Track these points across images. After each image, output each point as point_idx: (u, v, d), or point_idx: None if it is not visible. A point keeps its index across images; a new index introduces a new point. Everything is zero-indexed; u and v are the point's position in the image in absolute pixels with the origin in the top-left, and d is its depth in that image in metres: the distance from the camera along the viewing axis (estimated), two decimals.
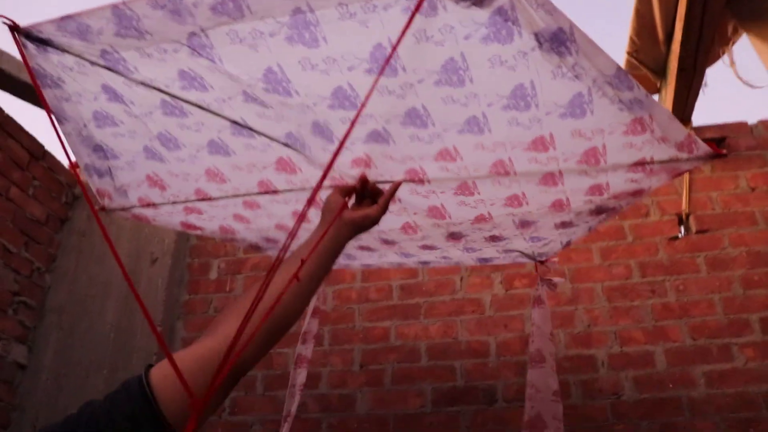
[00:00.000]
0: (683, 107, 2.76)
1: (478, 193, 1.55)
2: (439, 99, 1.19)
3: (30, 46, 1.16)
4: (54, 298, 3.01)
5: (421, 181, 1.51)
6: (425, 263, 2.14)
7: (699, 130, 2.93)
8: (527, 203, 1.58)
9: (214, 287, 3.06)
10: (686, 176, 2.83)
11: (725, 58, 2.49)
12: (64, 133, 1.42)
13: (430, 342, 2.77)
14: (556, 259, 2.03)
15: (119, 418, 0.77)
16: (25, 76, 2.86)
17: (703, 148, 1.26)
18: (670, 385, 2.49)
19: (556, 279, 1.99)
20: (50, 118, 1.21)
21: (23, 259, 2.87)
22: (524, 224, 1.71)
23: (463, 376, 2.67)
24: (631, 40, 2.69)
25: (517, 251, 1.95)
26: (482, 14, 0.99)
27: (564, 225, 1.72)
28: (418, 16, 0.97)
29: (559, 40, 1.03)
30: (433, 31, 1.03)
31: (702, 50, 2.47)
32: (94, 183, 1.62)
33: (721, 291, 2.62)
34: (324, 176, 0.93)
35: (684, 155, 1.29)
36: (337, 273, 2.96)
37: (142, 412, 0.79)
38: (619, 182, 1.45)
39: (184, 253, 3.15)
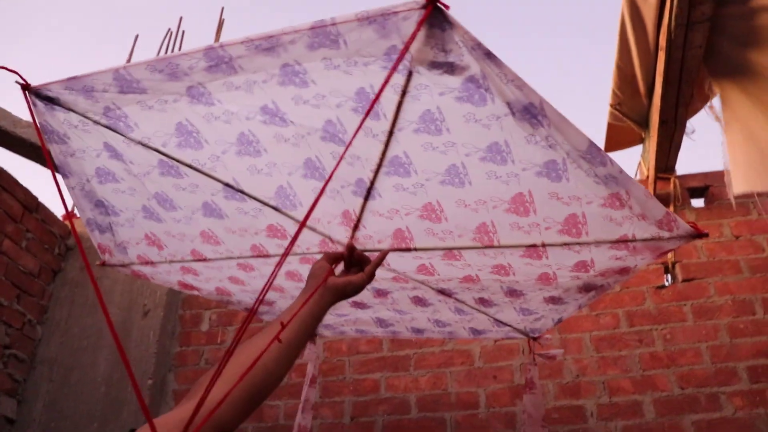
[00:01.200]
0: (666, 158, 2.91)
1: (465, 260, 1.63)
2: (419, 146, 1.27)
3: (39, 104, 1.28)
4: (45, 350, 3.10)
5: (408, 249, 1.59)
6: (419, 332, 2.20)
7: (683, 179, 3.07)
8: (513, 274, 1.65)
9: (206, 339, 3.16)
10: None
11: (708, 111, 2.63)
12: (68, 187, 1.52)
13: (419, 394, 2.86)
14: (549, 336, 2.11)
15: None
16: (20, 132, 3.02)
17: (684, 227, 1.32)
18: None
19: (553, 351, 2.08)
20: (51, 170, 1.31)
21: (15, 311, 2.97)
22: (512, 293, 1.78)
23: (453, 428, 2.75)
24: (614, 92, 2.85)
25: (509, 326, 2.02)
26: (455, 80, 1.08)
27: (553, 300, 1.79)
28: (395, 74, 1.07)
29: (530, 113, 1.10)
30: (410, 88, 1.12)
31: (682, 104, 2.63)
32: (96, 238, 1.71)
33: (707, 340, 2.71)
34: (311, 209, 0.97)
35: (665, 234, 1.34)
36: None
37: None
38: (603, 259, 1.51)
39: (176, 304, 3.26)
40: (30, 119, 1.44)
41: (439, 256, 1.63)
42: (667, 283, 2.89)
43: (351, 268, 1.37)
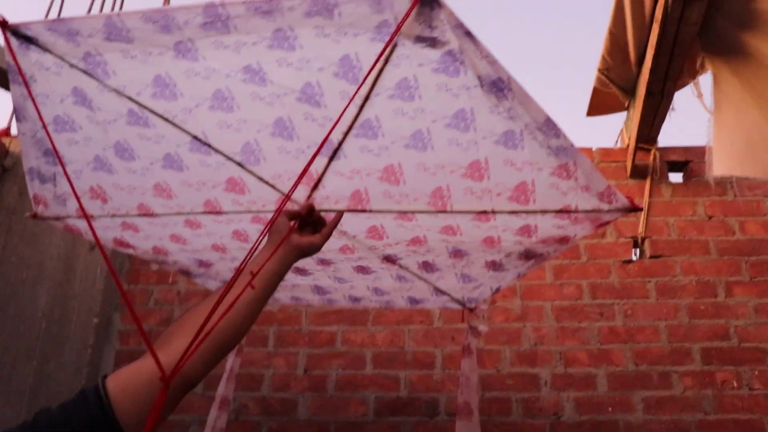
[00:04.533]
0: (649, 129, 3.06)
1: (416, 221, 1.80)
2: (390, 111, 1.42)
3: (14, 41, 1.32)
4: None
5: (363, 210, 1.75)
6: (356, 300, 2.39)
7: (664, 152, 3.24)
8: (461, 234, 1.83)
9: (156, 278, 3.26)
10: (645, 198, 3.15)
11: (693, 88, 2.77)
12: (19, 133, 1.59)
13: (376, 350, 3.05)
14: (485, 307, 2.32)
15: (77, 425, 0.94)
16: None
17: (622, 200, 1.52)
18: (610, 409, 2.84)
19: (481, 326, 2.28)
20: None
21: None
22: (457, 253, 1.96)
23: (407, 387, 2.97)
24: (603, 58, 2.95)
25: (448, 295, 2.22)
26: (435, 53, 1.23)
27: (494, 266, 1.99)
28: (378, 45, 1.21)
29: (498, 86, 1.27)
30: (392, 57, 1.27)
31: (671, 78, 2.76)
32: (34, 188, 1.77)
33: (667, 318, 2.97)
34: (297, 182, 1.16)
35: (605, 206, 1.55)
36: None
37: (99, 419, 0.94)
38: (546, 227, 1.71)
39: None
40: None
41: (392, 216, 1.79)
42: (634, 258, 3.11)
43: (306, 227, 1.50)
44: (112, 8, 3.88)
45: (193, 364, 1.07)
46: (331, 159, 1.60)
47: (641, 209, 1.57)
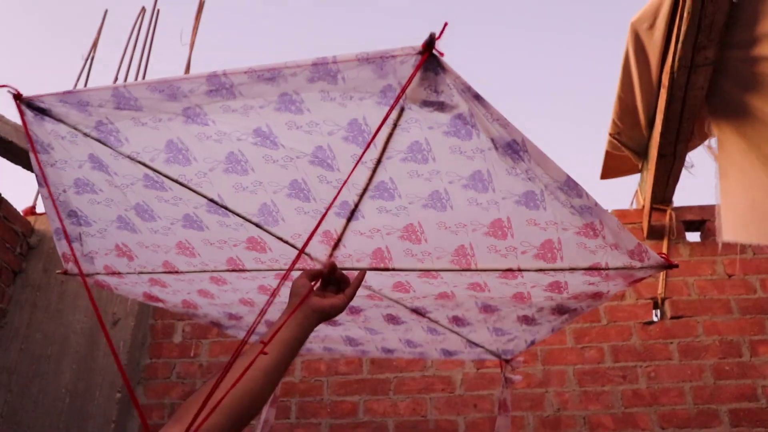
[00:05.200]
0: (663, 190, 3.13)
1: (441, 278, 1.82)
2: (405, 173, 1.44)
3: (28, 113, 1.42)
4: (4, 357, 3.23)
5: (386, 269, 1.78)
6: (389, 351, 2.40)
7: (680, 211, 3.30)
8: (489, 291, 1.85)
9: (178, 351, 3.33)
10: None
11: (706, 149, 2.85)
12: (42, 197, 1.67)
13: (398, 419, 3.08)
14: (521, 359, 2.34)
15: None
16: None
17: (655, 258, 1.52)
18: None
19: (515, 377, 2.30)
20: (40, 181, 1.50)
21: None
22: (487, 309, 1.98)
23: None
24: (614, 122, 3.05)
25: (482, 347, 2.22)
26: (444, 116, 1.26)
27: (527, 320, 2.00)
28: (386, 110, 1.23)
29: (513, 149, 1.29)
30: (401, 122, 1.30)
31: (682, 140, 2.84)
32: (62, 247, 1.85)
33: (692, 380, 2.97)
34: (311, 236, 1.17)
35: (637, 263, 1.54)
36: None
37: None
38: (577, 283, 1.71)
39: (148, 314, 3.41)
40: None
41: (416, 274, 1.81)
42: (655, 319, 3.13)
43: (328, 286, 1.51)
44: (136, 78, 4.08)
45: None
46: (349, 220, 1.63)
47: (677, 266, 1.55)
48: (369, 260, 1.78)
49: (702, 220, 3.29)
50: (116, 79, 4.05)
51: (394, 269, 1.79)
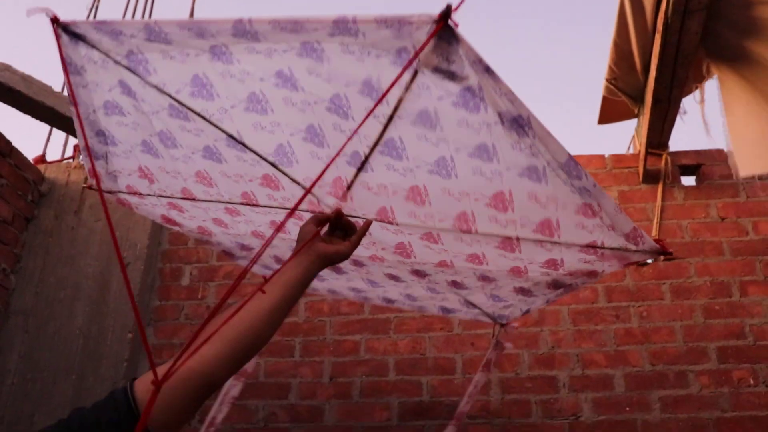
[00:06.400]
0: (659, 135, 3.23)
1: (442, 244, 1.92)
2: (414, 135, 1.50)
3: (64, 37, 1.51)
4: (19, 301, 3.42)
5: (390, 223, 1.88)
6: (390, 301, 2.53)
7: (675, 156, 3.40)
8: (487, 263, 1.95)
9: (186, 294, 3.50)
10: (658, 202, 3.31)
11: (696, 95, 2.94)
12: (72, 115, 1.75)
13: (398, 357, 3.25)
14: (516, 324, 2.46)
15: (106, 425, 1.00)
16: None
17: (650, 243, 1.58)
18: (627, 408, 3.00)
19: (506, 344, 2.44)
20: (73, 103, 1.63)
21: None
22: (485, 278, 2.09)
23: (429, 392, 3.16)
24: (610, 68, 3.13)
25: (479, 309, 2.35)
26: (454, 86, 1.31)
27: (523, 292, 2.10)
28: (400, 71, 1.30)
29: (519, 123, 1.35)
30: (413, 86, 1.36)
31: (676, 85, 2.92)
32: (87, 164, 1.98)
33: (682, 319, 3.11)
34: (319, 177, 1.30)
35: (632, 246, 1.60)
36: None
37: (127, 420, 1.01)
38: (572, 260, 1.78)
39: (156, 258, 3.58)
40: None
41: (418, 235, 1.90)
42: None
43: (335, 232, 1.61)
44: (143, 15, 4.17)
45: (216, 367, 1.15)
46: (359, 170, 1.70)
47: (671, 253, 1.61)
48: (374, 216, 1.85)
49: (697, 164, 3.39)
50: (124, 14, 4.14)
51: (398, 224, 1.86)
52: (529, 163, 1.47)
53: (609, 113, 3.40)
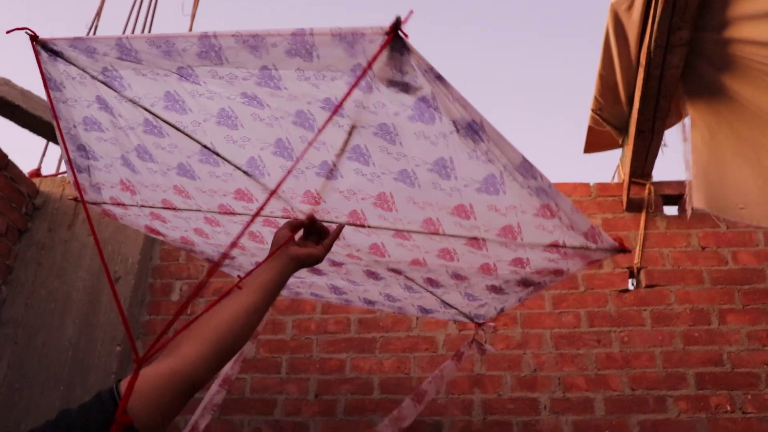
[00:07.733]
0: (642, 165, 3.35)
1: (413, 240, 2.00)
2: (377, 146, 1.59)
3: (43, 54, 1.60)
4: (10, 311, 3.50)
5: (362, 225, 1.98)
6: (370, 303, 2.62)
7: (659, 186, 3.53)
8: (458, 260, 2.03)
9: (176, 309, 3.58)
10: (641, 230, 3.44)
11: (680, 131, 3.06)
12: (56, 129, 1.83)
13: (383, 376, 3.34)
14: (492, 324, 2.57)
15: (93, 425, 1.02)
16: None
17: (608, 241, 1.67)
18: (606, 431, 3.10)
19: (487, 346, 2.55)
20: (55, 118, 1.72)
21: None
22: (457, 276, 2.17)
23: None
24: (596, 99, 3.26)
25: (455, 309, 2.44)
26: (409, 99, 1.39)
27: (495, 290, 2.19)
28: (356, 91, 1.38)
29: (473, 129, 1.42)
30: (368, 104, 1.44)
31: (659, 117, 3.05)
32: (71, 176, 2.05)
33: (662, 345, 3.22)
34: (279, 185, 1.36)
35: (592, 245, 1.69)
36: (298, 304, 3.52)
37: (113, 420, 1.02)
38: (538, 259, 1.87)
39: (147, 273, 3.67)
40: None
41: (390, 234, 1.99)
42: (630, 288, 3.38)
43: (310, 236, 1.68)
44: (143, 30, 4.29)
45: (198, 367, 1.19)
46: (328, 178, 1.80)
47: (629, 251, 1.69)
48: (346, 219, 1.95)
49: (680, 194, 3.53)
50: (127, 21, 4.25)
51: (369, 227, 1.96)
52: (486, 173, 1.55)
53: (595, 142, 3.54)
